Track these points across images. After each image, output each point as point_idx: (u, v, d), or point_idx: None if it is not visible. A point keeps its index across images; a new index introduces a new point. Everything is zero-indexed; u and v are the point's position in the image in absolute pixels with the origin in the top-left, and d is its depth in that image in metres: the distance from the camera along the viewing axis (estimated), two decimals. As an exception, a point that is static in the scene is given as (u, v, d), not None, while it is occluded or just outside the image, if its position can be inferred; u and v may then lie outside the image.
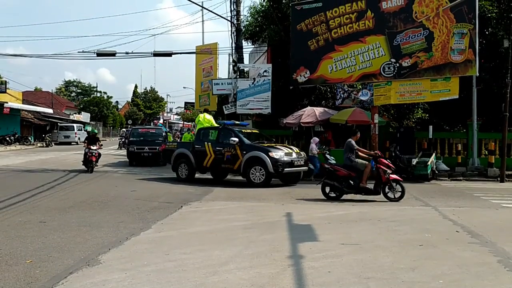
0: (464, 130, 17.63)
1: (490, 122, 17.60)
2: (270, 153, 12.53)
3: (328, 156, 14.24)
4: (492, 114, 17.05)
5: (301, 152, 13.67)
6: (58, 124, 42.97)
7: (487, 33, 17.09)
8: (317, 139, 15.01)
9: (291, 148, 13.57)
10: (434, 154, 14.99)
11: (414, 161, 14.39)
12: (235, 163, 13.06)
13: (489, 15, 15.88)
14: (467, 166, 15.64)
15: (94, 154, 16.04)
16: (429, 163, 14.21)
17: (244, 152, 12.88)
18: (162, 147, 15.69)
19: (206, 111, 16.25)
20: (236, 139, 13.02)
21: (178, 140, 29.70)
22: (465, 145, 16.34)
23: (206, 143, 13.83)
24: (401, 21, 14.30)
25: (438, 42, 13.87)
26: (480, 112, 16.27)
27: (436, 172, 14.96)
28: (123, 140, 33.13)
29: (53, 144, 37.01)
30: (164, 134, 22.04)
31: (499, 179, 14.48)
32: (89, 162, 16.03)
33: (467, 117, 16.20)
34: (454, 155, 16.28)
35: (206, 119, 15.70)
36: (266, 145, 13.30)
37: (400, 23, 14.32)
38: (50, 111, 44.13)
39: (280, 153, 12.67)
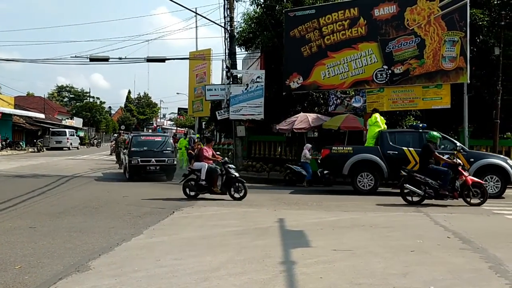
0: (456, 137, 17.71)
1: (481, 129, 17.72)
2: (508, 161, 11.81)
3: None
4: (483, 121, 17.18)
5: None
6: (50, 129, 42.72)
7: (478, 41, 17.26)
8: (309, 145, 15.03)
9: None
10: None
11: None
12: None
13: (480, 23, 16.05)
14: (459, 172, 15.68)
15: None
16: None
17: (472, 159, 11.69)
18: (326, 151, 12.96)
19: (376, 110, 13.99)
20: (459, 145, 11.79)
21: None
22: (457, 152, 16.38)
23: (405, 148, 12.15)
24: (393, 28, 14.44)
25: (429, 49, 14.00)
26: (472, 119, 16.35)
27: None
28: (113, 146, 32.93)
29: (44, 150, 36.74)
30: (172, 142, 18.05)
31: (490, 185, 14.53)
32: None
33: (459, 124, 16.28)
34: (446, 161, 16.31)
35: (382, 119, 13.55)
36: (491, 153, 12.93)
37: (392, 30, 14.46)
38: (42, 116, 43.95)
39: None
